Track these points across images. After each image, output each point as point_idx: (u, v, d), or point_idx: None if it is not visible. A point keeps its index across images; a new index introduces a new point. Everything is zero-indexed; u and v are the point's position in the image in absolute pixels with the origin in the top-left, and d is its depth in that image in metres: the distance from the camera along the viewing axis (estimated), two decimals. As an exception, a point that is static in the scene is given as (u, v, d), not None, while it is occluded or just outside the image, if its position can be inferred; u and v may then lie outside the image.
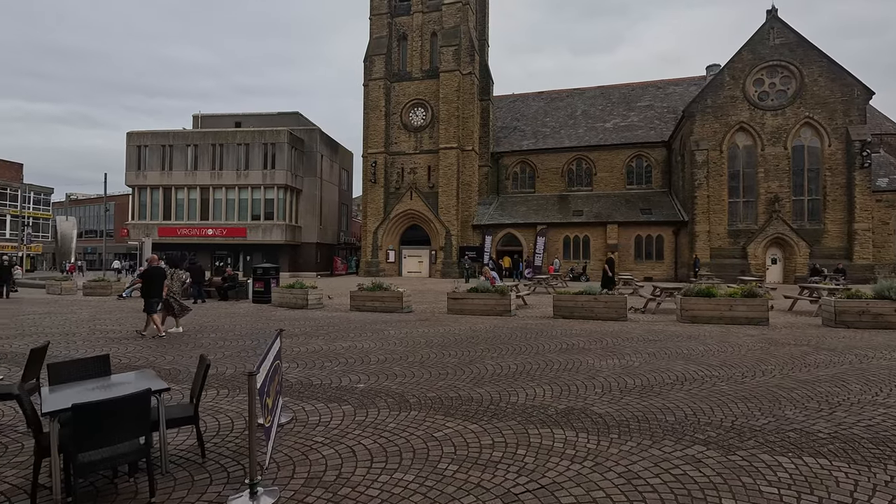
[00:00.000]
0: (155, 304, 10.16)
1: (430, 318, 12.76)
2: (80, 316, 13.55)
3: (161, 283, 10.29)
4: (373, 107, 35.83)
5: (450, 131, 34.39)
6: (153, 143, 41.60)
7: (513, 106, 44.12)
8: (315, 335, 10.05)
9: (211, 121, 46.41)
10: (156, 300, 10.16)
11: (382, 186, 35.90)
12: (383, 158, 35.90)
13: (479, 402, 5.46)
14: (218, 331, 10.76)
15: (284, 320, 12.34)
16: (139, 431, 3.39)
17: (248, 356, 8.04)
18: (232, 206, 40.89)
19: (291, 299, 15.21)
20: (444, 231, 34.32)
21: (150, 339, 9.82)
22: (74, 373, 4.26)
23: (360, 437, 4.48)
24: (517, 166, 39.24)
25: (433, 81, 35.52)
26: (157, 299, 10.20)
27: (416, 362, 7.49)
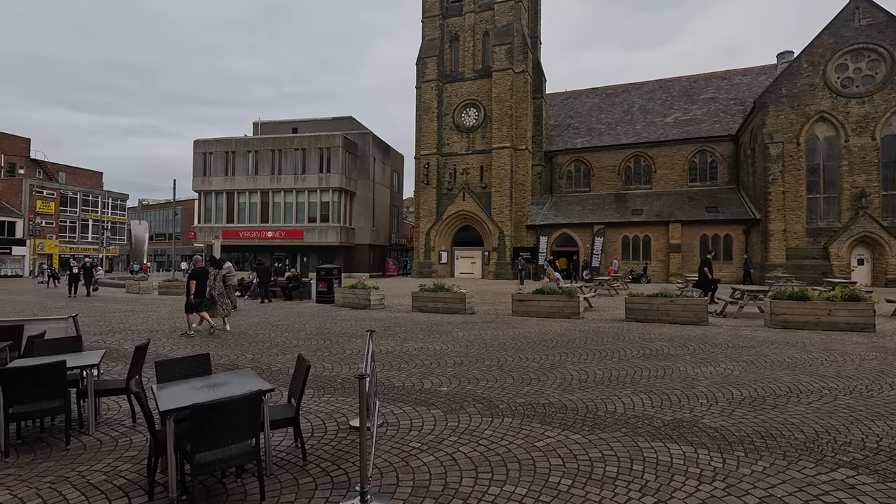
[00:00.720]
0: (200, 304, 10.46)
1: (494, 319, 12.48)
2: (159, 314, 14.27)
3: (204, 283, 10.56)
4: (425, 108, 35.99)
5: (503, 131, 33.97)
6: (217, 150, 43.76)
7: (566, 103, 43.09)
8: (385, 336, 10.01)
9: (270, 127, 48.27)
10: (199, 300, 10.44)
11: (435, 188, 35.97)
12: (436, 160, 35.96)
13: (573, 411, 5.13)
14: (289, 329, 10.96)
15: (351, 320, 12.45)
16: (251, 433, 3.33)
17: (324, 356, 8.08)
18: (290, 208, 42.32)
19: (354, 299, 15.38)
20: (498, 232, 33.91)
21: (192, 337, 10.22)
22: (179, 371, 4.32)
23: (457, 445, 4.28)
24: (571, 165, 38.22)
25: (485, 81, 35.23)
26: (201, 299, 10.50)
27: (495, 366, 7.24)
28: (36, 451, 4.27)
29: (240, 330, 10.97)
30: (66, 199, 51.97)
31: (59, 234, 50.62)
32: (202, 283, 10.47)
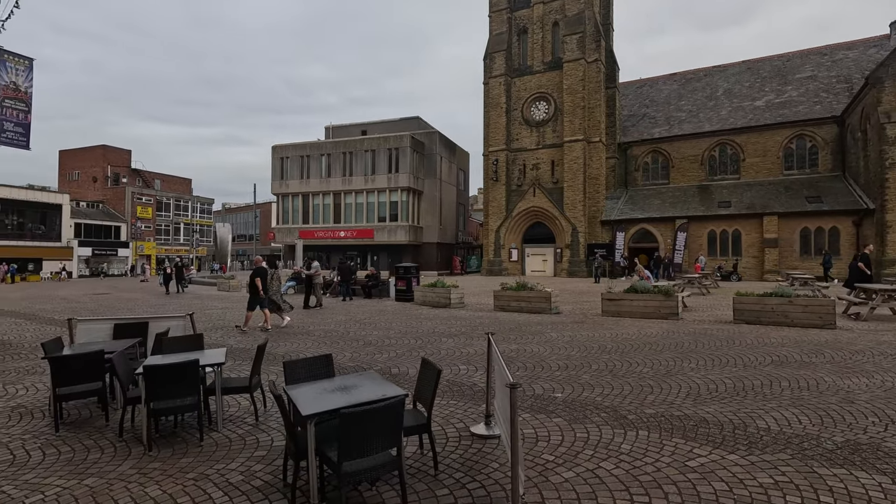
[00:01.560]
0: (260, 300, 10.99)
1: (584, 320, 11.87)
2: (252, 311, 14.93)
3: (264, 281, 11.05)
4: (493, 104, 35.51)
5: (574, 123, 32.77)
6: (293, 154, 45.84)
7: (640, 92, 40.89)
8: (474, 336, 9.77)
9: (340, 131, 49.87)
10: (256, 297, 10.98)
11: (504, 184, 35.42)
12: (504, 156, 35.39)
13: (717, 426, 4.57)
14: (377, 328, 11.02)
15: (434, 319, 12.35)
16: (394, 441, 3.15)
17: (419, 356, 7.95)
18: (360, 209, 43.51)
19: (434, 298, 15.31)
20: (571, 228, 32.79)
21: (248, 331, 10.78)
22: (304, 371, 4.28)
23: (596, 460, 3.90)
24: (648, 156, 36.17)
25: (555, 73, 34.16)
26: (263, 296, 11.00)
27: (605, 370, 6.75)
28: (173, 446, 4.40)
29: (330, 328, 11.18)
30: (161, 204, 56.74)
31: (155, 236, 55.38)
32: (263, 281, 10.99)
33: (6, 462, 4.16)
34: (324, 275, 18.22)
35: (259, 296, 10.92)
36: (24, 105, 10.47)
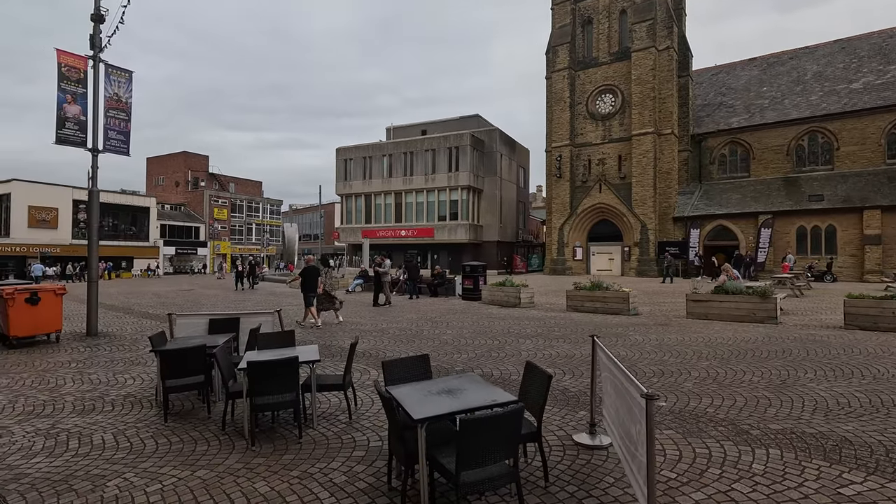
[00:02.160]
0: (311, 298, 11.27)
1: (668, 322, 11.13)
2: (325, 308, 15.33)
3: (315, 279, 11.29)
4: (556, 99, 34.59)
5: (644, 115, 31.21)
6: (356, 155, 47.05)
7: (715, 79, 38.32)
8: (552, 337, 9.40)
9: (401, 131, 50.63)
10: (311, 294, 11.25)
11: (568, 181, 34.41)
12: (568, 151, 34.38)
13: (863, 447, 3.99)
14: (450, 326, 10.91)
15: (507, 319, 12.07)
16: (512, 451, 2.94)
17: (501, 357, 7.73)
18: (421, 208, 43.90)
19: (502, 297, 15.02)
20: (640, 225, 31.28)
21: (308, 328, 10.88)
22: (401, 371, 4.17)
23: (726, 481, 3.48)
24: (725, 148, 33.79)
25: (623, 64, 32.71)
26: (313, 294, 11.28)
27: (708, 379, 6.19)
28: (273, 442, 4.44)
29: (403, 326, 11.20)
30: (235, 206, 60.23)
31: (230, 236, 58.87)
32: (313, 280, 11.32)
33: (125, 449, 4.37)
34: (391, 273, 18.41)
35: (308, 293, 11.24)
36: (124, 115, 11.27)
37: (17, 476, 3.86)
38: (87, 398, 5.94)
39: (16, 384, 6.63)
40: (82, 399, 5.89)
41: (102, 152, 11.02)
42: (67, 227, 43.04)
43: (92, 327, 10.67)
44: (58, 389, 6.33)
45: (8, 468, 4.02)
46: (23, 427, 4.97)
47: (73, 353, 8.70)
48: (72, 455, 4.26)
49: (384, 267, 15.38)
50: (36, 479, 3.79)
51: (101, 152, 10.99)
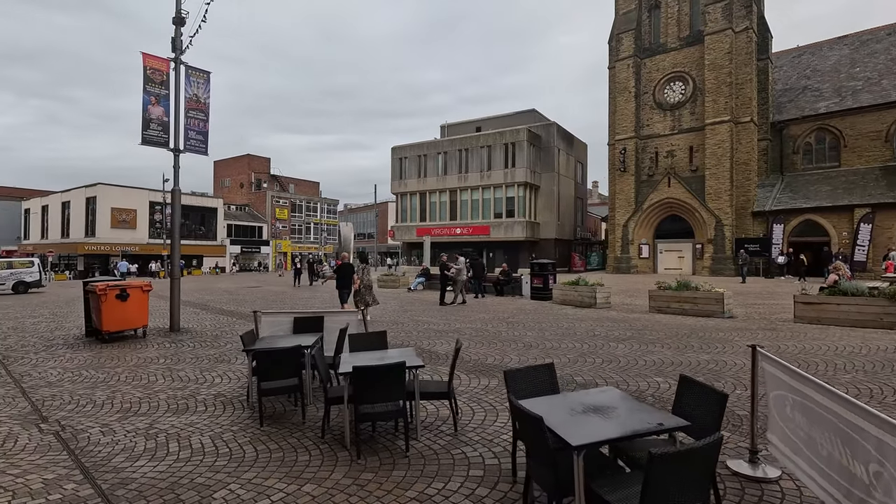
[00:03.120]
0: (345, 295, 11.57)
1: (774, 326, 9.99)
2: (391, 307, 15.16)
3: (350, 277, 11.50)
4: (620, 89, 32.98)
5: (719, 102, 29.09)
6: (411, 154, 47.17)
7: (798, 61, 35.22)
8: (646, 342, 8.60)
9: (455, 129, 50.29)
10: (346, 291, 11.55)
11: (633, 175, 32.74)
12: (633, 144, 32.70)
13: None
14: (528, 328, 10.32)
15: (586, 320, 11.31)
16: (704, 496, 2.35)
17: (597, 364, 7.07)
18: (476, 205, 43.37)
19: (576, 297, 14.23)
20: (714, 220, 29.21)
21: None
22: (527, 382, 3.66)
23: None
24: (811, 135, 30.93)
25: (694, 49, 30.66)
26: (347, 291, 11.52)
27: (866, 395, 5.27)
28: (378, 454, 4.07)
29: (477, 326, 10.73)
30: (295, 206, 62.23)
31: (290, 235, 60.89)
32: (348, 277, 11.58)
33: (224, 455, 4.14)
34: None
35: (342, 290, 11.60)
36: (203, 115, 11.48)
37: (124, 481, 3.69)
38: (180, 396, 5.86)
39: (111, 379, 6.72)
40: (175, 397, 5.82)
41: (183, 152, 11.28)
42: (145, 228, 45.96)
43: (175, 323, 10.94)
44: (151, 386, 6.32)
45: (115, 471, 3.87)
46: (123, 425, 4.89)
47: (159, 348, 8.87)
48: (174, 460, 4.07)
49: (459, 264, 14.97)
50: (142, 486, 3.59)
51: (181, 152, 11.26)
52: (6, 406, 5.57)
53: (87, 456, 4.16)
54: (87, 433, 4.71)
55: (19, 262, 25.21)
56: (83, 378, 6.78)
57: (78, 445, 4.39)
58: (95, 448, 4.33)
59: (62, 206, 47.11)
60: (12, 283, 23.09)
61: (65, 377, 6.86)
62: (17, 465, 3.98)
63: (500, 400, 5.44)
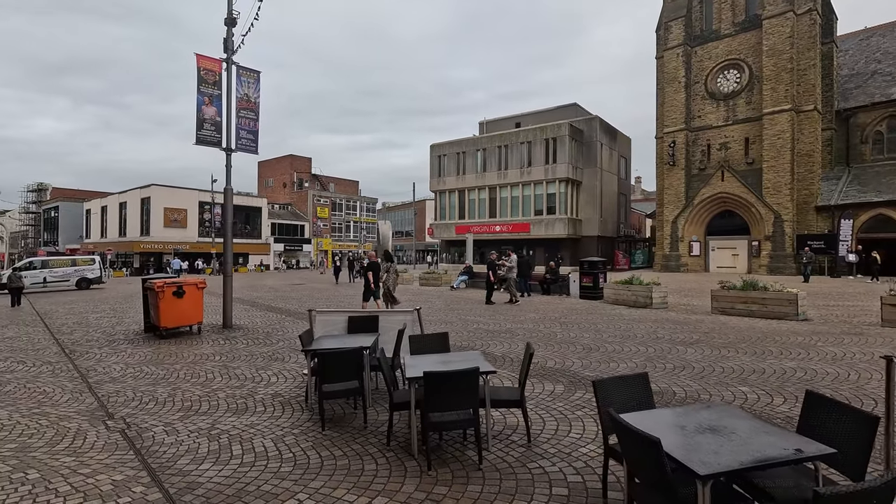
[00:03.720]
0: (369, 293, 11.81)
1: (860, 330, 9.12)
2: (436, 305, 14.96)
3: (376, 275, 11.78)
4: (669, 79, 31.58)
5: (778, 91, 27.35)
6: (450, 151, 46.95)
7: (866, 44, 32.70)
8: (716, 346, 8.00)
9: (494, 125, 49.71)
10: (374, 289, 11.80)
11: (682, 169, 31.31)
12: (683, 136, 31.26)
13: None
14: (583, 329, 9.85)
15: (642, 321, 10.73)
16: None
17: (670, 371, 6.57)
18: (516, 202, 42.71)
19: (630, 297, 13.58)
20: (772, 216, 27.53)
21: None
22: (620, 393, 3.29)
23: None
24: (881, 124, 28.65)
25: (751, 34, 28.94)
26: (375, 289, 11.81)
27: None
28: (449, 465, 3.80)
29: (529, 327, 10.35)
30: (335, 204, 63.29)
31: (331, 233, 61.98)
32: (375, 274, 11.81)
33: (289, 461, 3.98)
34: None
35: (371, 287, 11.80)
36: (253, 114, 11.58)
37: (191, 485, 3.57)
38: (238, 395, 5.81)
39: (171, 376, 6.77)
40: (233, 396, 5.76)
41: (235, 151, 11.43)
42: (194, 227, 47.80)
43: (228, 320, 11.11)
44: (209, 384, 6.31)
45: (180, 474, 3.77)
46: (186, 425, 4.84)
47: (214, 345, 8.96)
48: (238, 464, 3.94)
49: (511, 262, 14.60)
50: (209, 492, 3.46)
51: (233, 151, 11.41)
52: (75, 402, 5.65)
53: (152, 456, 4.10)
54: (151, 432, 4.69)
55: (82, 259, 26.62)
56: (144, 374, 6.87)
57: (143, 445, 4.35)
58: (160, 448, 4.27)
59: (119, 207, 49.65)
60: (76, 279, 24.38)
61: (127, 373, 6.98)
62: (87, 465, 3.95)
63: (569, 408, 5.08)
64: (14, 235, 70.16)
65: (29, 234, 66.62)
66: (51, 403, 5.58)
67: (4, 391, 6.10)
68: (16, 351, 8.63)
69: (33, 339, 9.81)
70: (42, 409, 5.39)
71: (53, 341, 9.58)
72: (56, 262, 25.61)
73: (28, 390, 6.13)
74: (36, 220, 65.02)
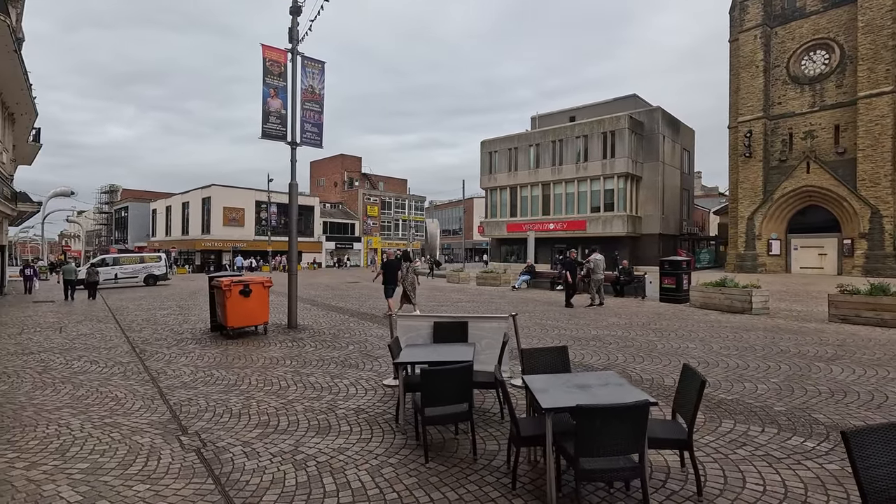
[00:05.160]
0: (390, 290, 12.19)
1: None
2: (504, 308, 14.07)
3: (395, 273, 12.02)
4: (745, 64, 29.10)
5: (877, 71, 24.50)
6: (501, 147, 45.82)
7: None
8: (863, 363, 6.69)
9: (547, 119, 48.12)
10: (391, 286, 12.15)
11: (760, 160, 28.79)
12: (761, 125, 28.73)
13: None
14: (682, 337, 8.67)
15: (749, 329, 9.39)
16: None
17: (827, 399, 5.39)
18: (571, 199, 41.04)
19: (723, 301, 12.16)
20: (869, 211, 24.72)
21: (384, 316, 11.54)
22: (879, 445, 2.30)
23: None
24: None
25: (843, 10, 26.12)
26: (392, 286, 12.14)
27: None
28: (604, 524, 2.93)
29: (618, 334, 9.26)
30: (384, 203, 63.56)
31: (380, 232, 62.28)
32: (393, 273, 12.08)
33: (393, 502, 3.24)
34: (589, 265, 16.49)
35: (391, 285, 12.11)
36: (318, 106, 11.11)
37: (284, 536, 2.89)
38: (318, 409, 5.18)
39: (242, 382, 6.27)
40: (313, 410, 5.14)
41: (300, 145, 11.00)
42: (251, 225, 49.16)
43: (293, 320, 10.70)
44: (284, 394, 5.75)
45: (269, 517, 3.11)
46: (266, 446, 4.22)
47: (282, 347, 8.50)
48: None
49: (596, 260, 13.49)
50: (308, 548, 2.76)
51: (298, 145, 10.98)
52: (146, 410, 5.21)
53: (234, 488, 3.48)
54: (229, 453, 4.10)
55: (149, 256, 27.62)
56: (215, 379, 6.42)
57: (223, 471, 3.74)
58: (242, 477, 3.65)
59: (182, 207, 51.85)
60: (144, 275, 25.25)
61: (197, 377, 6.55)
62: (163, 497, 3.37)
63: (728, 446, 4.07)
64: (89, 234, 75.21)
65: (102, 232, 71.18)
66: (122, 412, 5.16)
67: (78, 395, 5.77)
68: (90, 349, 8.50)
69: (106, 337, 9.73)
70: (114, 418, 4.96)
71: (124, 339, 9.45)
72: (126, 259, 26.68)
73: (100, 395, 5.78)
74: (108, 220, 69.31)
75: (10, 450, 4.17)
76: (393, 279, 12.04)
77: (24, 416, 5.01)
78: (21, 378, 6.58)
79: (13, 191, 21.06)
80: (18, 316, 13.24)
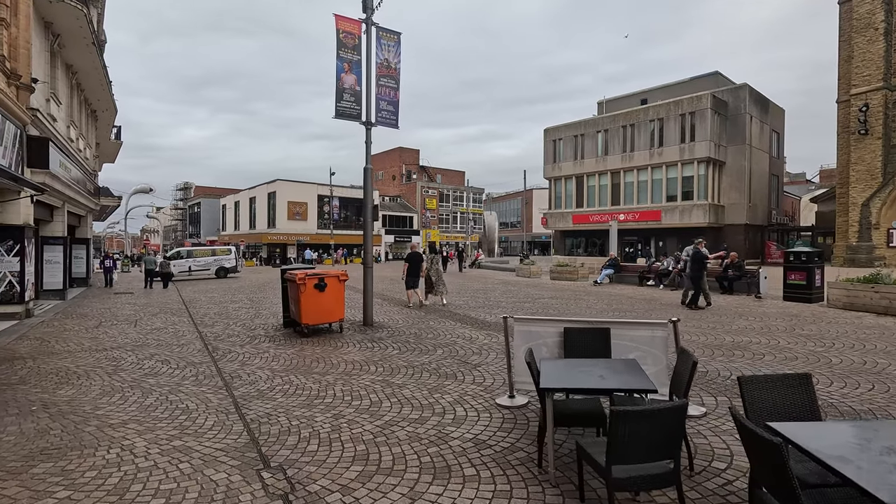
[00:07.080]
0: (412, 281, 12.21)
1: None
2: (597, 306, 12.55)
3: (418, 265, 12.21)
4: (860, 27, 25.34)
5: None
6: (566, 135, 43.46)
7: None
8: None
9: (615, 104, 45.15)
10: (413, 278, 12.19)
11: (879, 138, 25.03)
12: (881, 97, 24.94)
13: None
14: (864, 350, 6.86)
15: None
16: None
17: None
18: (644, 188, 38.20)
19: (877, 300, 10.00)
20: None
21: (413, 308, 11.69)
22: None
23: None
24: None
25: None
26: (415, 278, 12.20)
27: None
28: None
29: (763, 342, 7.55)
30: (442, 195, 62.73)
31: (439, 224, 61.57)
32: (416, 265, 12.18)
33: None
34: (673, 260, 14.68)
35: (413, 277, 12.16)
36: (394, 82, 10.07)
37: None
38: (423, 437, 4.07)
39: (326, 393, 5.30)
40: (419, 439, 4.02)
41: (375, 125, 10.02)
42: (314, 219, 49.88)
43: (368, 318, 9.79)
44: (378, 412, 4.69)
45: None
46: (372, 496, 3.13)
47: (362, 349, 7.54)
48: None
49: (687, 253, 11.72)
50: None
51: (373, 125, 10.01)
52: (220, 429, 4.30)
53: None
54: (323, 502, 3.04)
55: (220, 249, 28.21)
56: (295, 388, 5.49)
57: (322, 539, 2.67)
58: (351, 553, 2.55)
59: (249, 202, 53.52)
60: (215, 268, 25.73)
61: (275, 384, 5.66)
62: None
63: None
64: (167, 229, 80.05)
65: (178, 227, 75.45)
66: (194, 430, 4.29)
67: (146, 405, 5.01)
68: (162, 346, 7.94)
69: (178, 332, 9.23)
70: (184, 440, 4.08)
71: (197, 335, 8.89)
72: (199, 252, 27.36)
73: (170, 405, 4.98)
74: (183, 216, 73.30)
75: (61, 483, 3.34)
76: (416, 271, 12.25)
77: (86, 434, 4.24)
78: (90, 380, 5.97)
79: (96, 185, 21.88)
80: (99, 308, 13.29)
